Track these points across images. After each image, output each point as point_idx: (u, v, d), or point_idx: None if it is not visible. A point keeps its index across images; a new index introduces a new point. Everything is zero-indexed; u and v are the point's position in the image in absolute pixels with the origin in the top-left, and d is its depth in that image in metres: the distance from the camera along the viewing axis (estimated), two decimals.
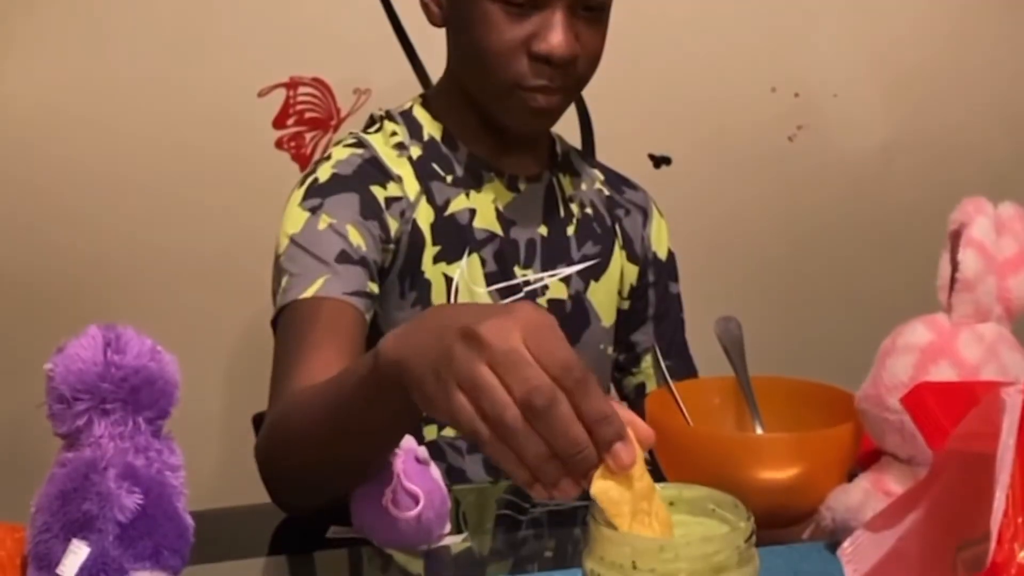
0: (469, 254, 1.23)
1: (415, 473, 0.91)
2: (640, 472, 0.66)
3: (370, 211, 1.18)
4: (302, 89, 1.89)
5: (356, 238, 1.15)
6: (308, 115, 1.90)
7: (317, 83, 1.90)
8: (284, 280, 1.13)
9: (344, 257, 1.14)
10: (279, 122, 1.89)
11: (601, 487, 0.64)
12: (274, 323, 1.14)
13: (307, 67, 1.88)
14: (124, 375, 0.75)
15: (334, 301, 1.10)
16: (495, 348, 0.64)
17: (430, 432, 1.22)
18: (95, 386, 0.74)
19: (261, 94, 1.88)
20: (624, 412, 0.66)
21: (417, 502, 0.89)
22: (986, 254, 0.90)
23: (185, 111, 1.84)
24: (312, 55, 1.88)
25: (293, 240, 1.16)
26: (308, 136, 1.90)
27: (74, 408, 0.74)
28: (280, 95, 1.89)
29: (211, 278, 1.87)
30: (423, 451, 0.93)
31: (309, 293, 1.10)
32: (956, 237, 0.92)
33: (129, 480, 0.73)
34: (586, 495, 0.65)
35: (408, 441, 0.92)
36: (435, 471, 0.93)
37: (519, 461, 0.65)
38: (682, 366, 1.38)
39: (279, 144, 1.89)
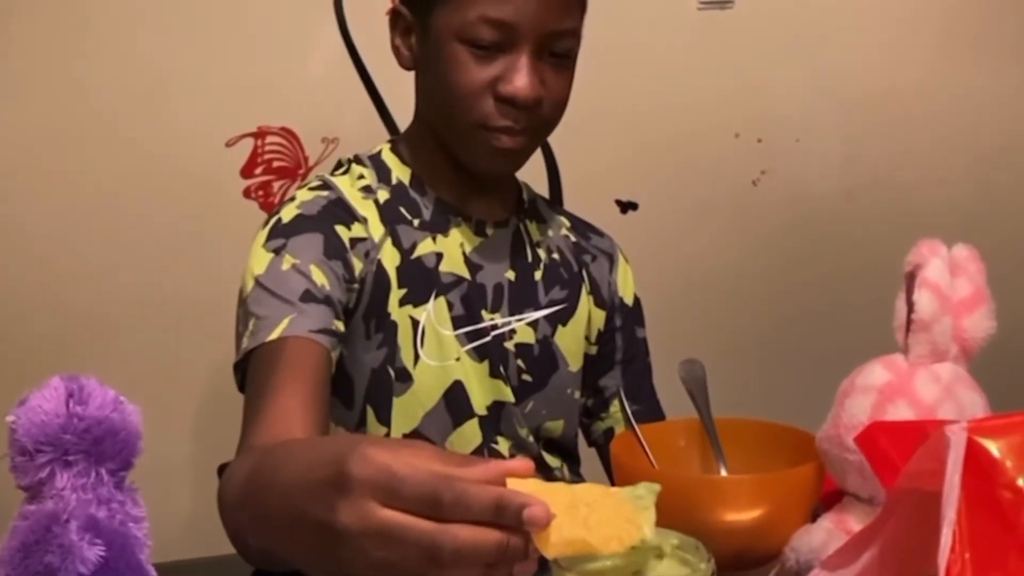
0: (436, 297, 1.23)
1: None
2: (556, 498, 0.64)
3: (333, 251, 1.18)
4: (270, 138, 1.91)
5: (319, 277, 1.15)
6: (276, 164, 1.91)
7: (285, 132, 1.91)
8: (251, 323, 1.13)
9: (308, 296, 1.14)
10: (247, 171, 1.90)
11: (553, 545, 0.63)
12: (238, 366, 1.14)
13: (275, 117, 1.90)
14: (87, 426, 0.74)
15: (298, 339, 1.10)
16: (368, 530, 0.64)
17: None
18: (57, 438, 0.74)
19: (229, 144, 1.89)
20: (492, 468, 0.66)
21: None
22: (941, 295, 0.92)
23: (153, 161, 1.84)
24: (280, 105, 1.90)
25: (258, 282, 1.16)
26: (276, 185, 1.91)
27: (36, 460, 0.74)
28: (248, 144, 1.90)
29: (179, 327, 1.86)
30: None
31: (275, 335, 1.10)
32: (911, 278, 0.93)
33: (91, 532, 0.73)
34: None
35: None
36: None
37: None
38: (650, 411, 1.38)
39: (247, 193, 1.90)
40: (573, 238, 1.38)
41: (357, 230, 1.22)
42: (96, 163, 1.83)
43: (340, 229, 1.20)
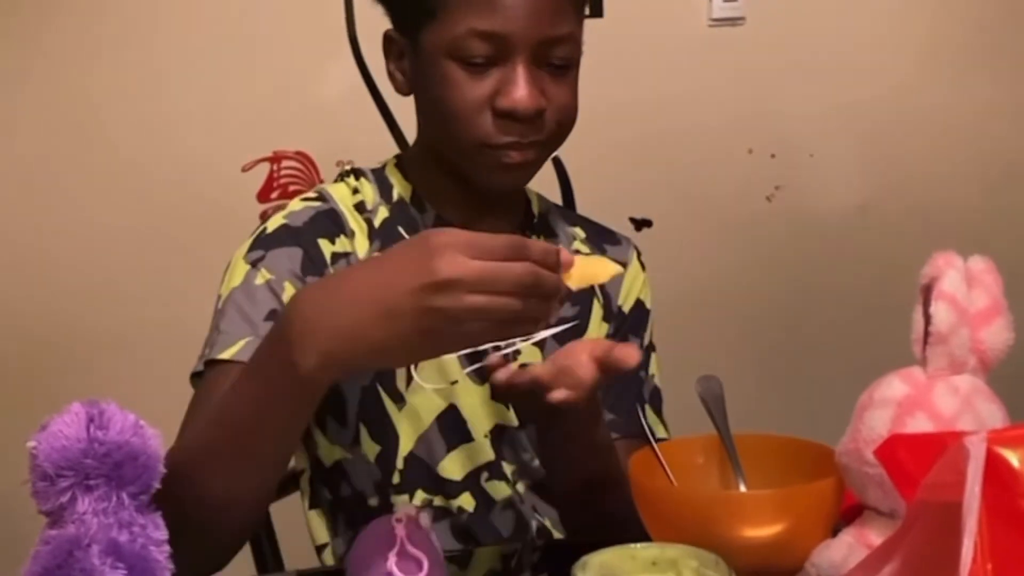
0: None
1: (418, 538, 0.91)
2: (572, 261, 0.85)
3: (312, 267, 1.15)
4: (285, 163, 1.92)
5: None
6: (292, 188, 1.92)
7: (300, 156, 1.92)
8: (212, 334, 1.11)
9: (273, 316, 1.10)
10: (263, 195, 1.91)
11: (574, 279, 0.85)
12: (196, 375, 1.13)
13: (290, 141, 1.91)
14: (107, 451, 0.75)
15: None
16: (461, 278, 0.77)
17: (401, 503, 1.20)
18: (78, 462, 0.74)
19: (245, 168, 1.90)
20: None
21: (421, 567, 0.89)
22: (958, 307, 0.91)
23: (171, 187, 1.86)
24: (294, 129, 1.91)
25: (231, 294, 1.13)
26: None
27: (58, 485, 0.74)
28: (264, 169, 1.91)
29: (197, 351, 1.87)
30: (425, 518, 0.93)
31: (227, 354, 1.08)
32: (928, 291, 0.93)
33: (113, 556, 0.74)
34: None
35: (409, 508, 0.92)
36: (435, 538, 0.93)
37: (525, 323, 0.81)
38: (627, 424, 1.25)
39: (264, 217, 1.90)
40: (586, 250, 1.34)
41: (342, 244, 1.18)
42: (114, 191, 1.84)
43: (324, 243, 1.17)
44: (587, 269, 0.88)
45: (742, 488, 1.05)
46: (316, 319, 0.82)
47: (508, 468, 1.24)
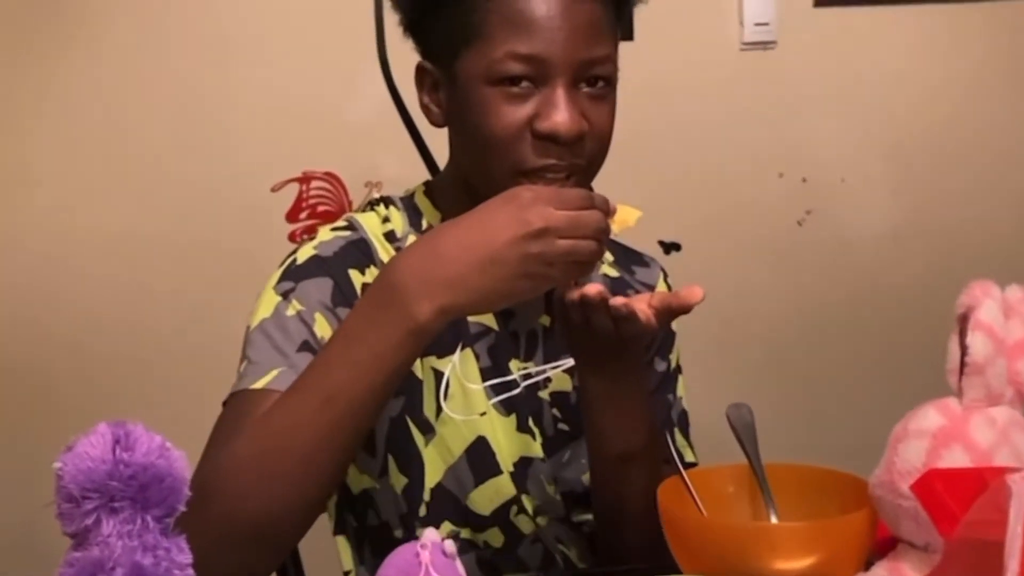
0: (462, 349, 1.18)
1: (442, 566, 0.90)
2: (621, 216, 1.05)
3: (342, 298, 1.13)
4: (314, 183, 1.92)
5: (322, 328, 1.11)
6: (321, 208, 1.93)
7: (329, 177, 1.93)
8: (242, 366, 1.11)
9: (305, 347, 1.09)
10: (292, 216, 1.91)
11: (616, 223, 1.03)
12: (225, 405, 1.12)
13: (319, 162, 1.92)
14: (133, 473, 0.74)
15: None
16: (552, 226, 0.92)
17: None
18: (104, 484, 0.74)
19: (274, 189, 1.91)
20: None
21: None
22: (995, 337, 0.90)
23: (199, 208, 1.87)
24: (324, 150, 1.92)
25: (261, 325, 1.12)
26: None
27: (83, 507, 0.74)
28: (293, 189, 1.92)
29: (226, 373, 1.87)
30: (450, 545, 0.92)
31: (260, 384, 1.07)
32: (964, 320, 0.91)
33: None
34: None
35: (434, 534, 0.91)
36: (460, 566, 0.92)
37: (594, 262, 0.98)
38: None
39: (292, 238, 1.91)
40: (615, 273, 1.32)
41: (372, 275, 1.16)
42: (143, 211, 1.85)
43: (354, 274, 1.15)
44: (621, 215, 1.05)
45: (773, 519, 1.04)
46: (425, 274, 0.94)
47: (530, 503, 1.21)
